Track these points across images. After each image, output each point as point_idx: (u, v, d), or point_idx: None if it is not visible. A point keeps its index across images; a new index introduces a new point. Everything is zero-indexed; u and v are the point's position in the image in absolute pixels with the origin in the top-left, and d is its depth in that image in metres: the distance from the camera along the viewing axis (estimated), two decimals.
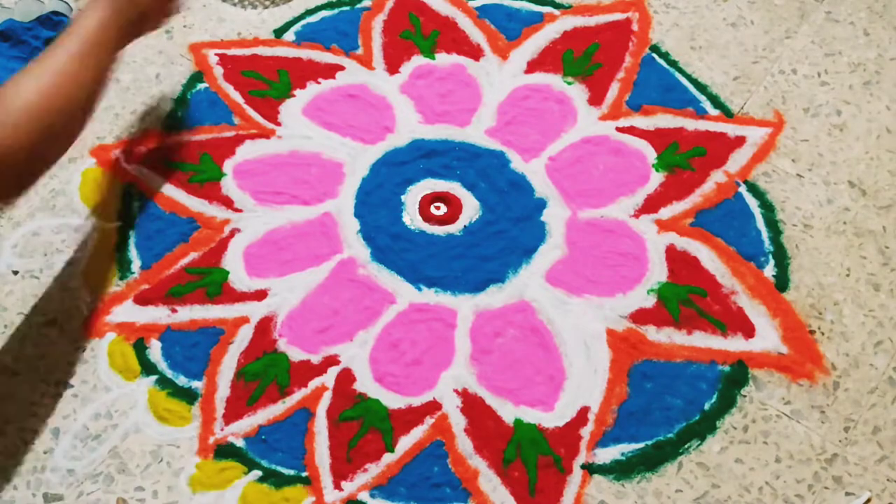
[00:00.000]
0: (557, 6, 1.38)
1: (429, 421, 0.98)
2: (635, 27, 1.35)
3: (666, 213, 1.14)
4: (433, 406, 0.99)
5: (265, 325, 1.05)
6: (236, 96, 1.27)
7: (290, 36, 1.35)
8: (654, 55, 1.32)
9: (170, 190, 1.17)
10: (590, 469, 0.95)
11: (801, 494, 0.93)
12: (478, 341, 1.03)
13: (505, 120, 1.24)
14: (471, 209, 1.15)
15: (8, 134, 0.80)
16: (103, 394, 1.00)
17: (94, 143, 1.22)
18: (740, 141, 1.21)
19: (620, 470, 0.95)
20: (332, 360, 1.02)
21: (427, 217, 1.14)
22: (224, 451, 0.96)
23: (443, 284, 1.08)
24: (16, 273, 1.10)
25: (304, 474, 0.94)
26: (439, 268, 1.09)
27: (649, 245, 1.11)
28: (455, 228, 1.13)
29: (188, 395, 1.00)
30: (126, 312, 1.06)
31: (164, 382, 1.01)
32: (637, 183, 1.17)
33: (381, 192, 1.17)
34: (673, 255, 1.10)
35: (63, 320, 1.06)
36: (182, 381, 1.01)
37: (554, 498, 0.93)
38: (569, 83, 1.28)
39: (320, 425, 0.98)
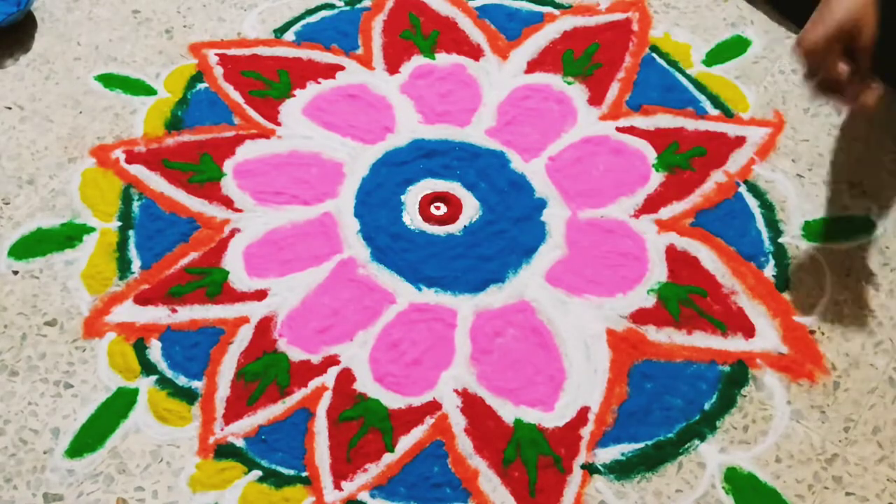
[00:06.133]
0: (558, 6, 1.38)
1: (429, 421, 0.98)
2: (635, 27, 1.35)
3: (666, 213, 1.14)
4: (433, 406, 0.99)
5: (265, 325, 1.05)
6: (236, 96, 1.27)
7: (290, 36, 1.35)
8: (654, 55, 1.32)
9: (170, 190, 1.17)
10: (590, 469, 0.95)
11: (801, 494, 0.93)
12: (478, 341, 1.03)
13: (505, 120, 1.24)
14: (471, 209, 1.15)
15: None
16: (103, 394, 1.00)
17: (94, 143, 1.22)
18: (740, 141, 1.21)
19: (620, 470, 0.95)
20: (332, 360, 1.02)
21: (427, 217, 1.14)
22: (224, 451, 0.96)
23: (443, 284, 1.08)
24: (16, 273, 1.10)
25: (304, 474, 0.94)
26: (439, 268, 1.09)
27: (649, 245, 1.11)
28: (455, 228, 1.13)
29: (188, 395, 1.00)
30: (126, 312, 1.06)
31: (164, 382, 1.00)
32: (637, 183, 1.17)
33: (381, 192, 1.17)
34: (673, 255, 1.10)
35: (63, 320, 1.06)
36: (182, 381, 1.01)
37: (554, 498, 0.93)
38: (569, 83, 1.28)
39: (320, 425, 0.98)
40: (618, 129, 1.23)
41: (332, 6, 1.39)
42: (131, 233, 1.13)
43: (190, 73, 1.30)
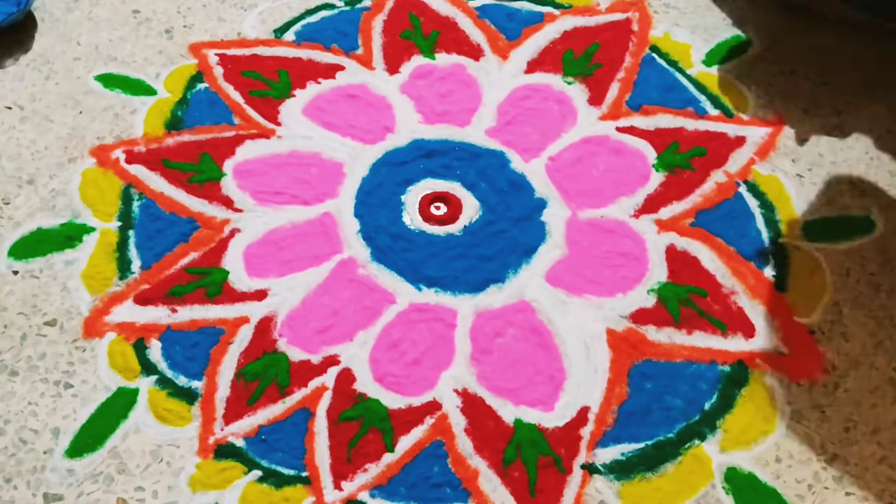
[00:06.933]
0: (558, 6, 1.38)
1: (429, 421, 0.98)
2: (635, 27, 1.35)
3: (666, 213, 1.14)
4: (433, 406, 0.99)
5: (265, 325, 1.05)
6: (236, 96, 1.27)
7: (290, 36, 1.35)
8: (654, 55, 1.32)
9: (170, 190, 1.17)
10: (590, 469, 0.95)
11: (801, 494, 0.93)
12: (478, 341, 1.03)
13: (505, 120, 1.24)
14: (471, 209, 1.15)
15: None
16: (103, 394, 1.00)
17: (94, 143, 1.22)
18: (740, 141, 1.21)
19: (620, 470, 0.95)
20: (332, 360, 1.02)
21: (427, 217, 1.14)
22: (224, 451, 0.96)
23: (443, 284, 1.08)
24: (16, 273, 1.10)
25: (304, 474, 0.94)
26: (439, 268, 1.09)
27: (649, 245, 1.11)
28: (455, 228, 1.13)
29: (188, 395, 1.00)
30: (126, 312, 1.06)
31: (164, 382, 1.00)
32: (637, 183, 1.17)
33: (381, 192, 1.17)
34: (673, 255, 1.10)
35: (63, 320, 1.06)
36: (182, 381, 1.01)
37: (554, 498, 0.93)
38: (569, 83, 1.28)
39: (320, 425, 0.98)
40: (618, 129, 1.23)
41: (332, 6, 1.39)
42: (131, 233, 1.13)
43: (190, 73, 1.30)
